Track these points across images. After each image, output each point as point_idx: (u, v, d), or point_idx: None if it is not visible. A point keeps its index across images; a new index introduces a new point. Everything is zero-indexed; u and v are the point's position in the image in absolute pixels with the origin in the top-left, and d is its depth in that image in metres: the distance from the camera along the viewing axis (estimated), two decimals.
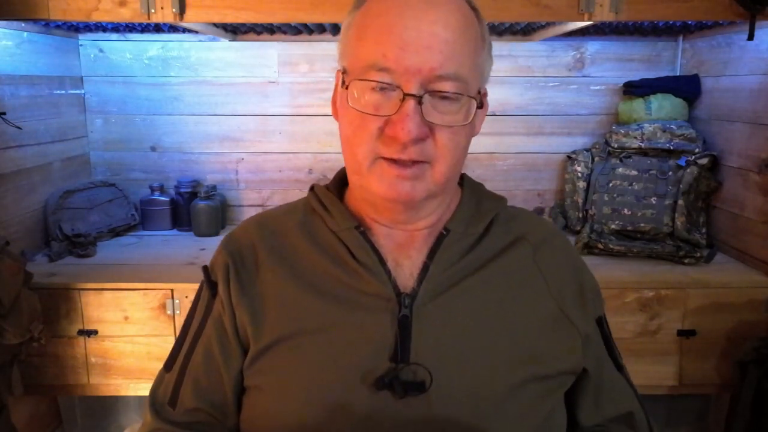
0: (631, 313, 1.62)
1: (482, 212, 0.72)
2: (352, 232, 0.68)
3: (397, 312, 0.64)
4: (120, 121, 2.13)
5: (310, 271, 0.68)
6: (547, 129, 2.15)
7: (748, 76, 1.73)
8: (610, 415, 0.74)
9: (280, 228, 0.73)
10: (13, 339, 1.39)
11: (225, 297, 0.70)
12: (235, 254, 0.72)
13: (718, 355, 1.64)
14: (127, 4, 1.52)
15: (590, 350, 0.71)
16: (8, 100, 1.69)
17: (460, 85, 0.61)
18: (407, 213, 0.68)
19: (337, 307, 0.66)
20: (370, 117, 0.61)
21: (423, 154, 0.62)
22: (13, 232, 1.71)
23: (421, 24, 0.59)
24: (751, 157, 1.72)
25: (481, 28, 0.66)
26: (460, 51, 0.61)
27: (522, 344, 0.66)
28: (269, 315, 0.67)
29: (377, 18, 0.61)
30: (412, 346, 0.63)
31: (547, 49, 2.10)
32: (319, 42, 2.06)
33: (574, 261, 0.76)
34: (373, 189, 0.64)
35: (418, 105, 0.60)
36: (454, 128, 0.62)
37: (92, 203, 1.97)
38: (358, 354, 0.64)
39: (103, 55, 2.09)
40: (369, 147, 0.62)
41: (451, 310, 0.66)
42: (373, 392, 0.62)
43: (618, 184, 1.93)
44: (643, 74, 2.07)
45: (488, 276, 0.68)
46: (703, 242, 1.81)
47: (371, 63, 0.61)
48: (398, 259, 0.69)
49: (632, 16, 1.55)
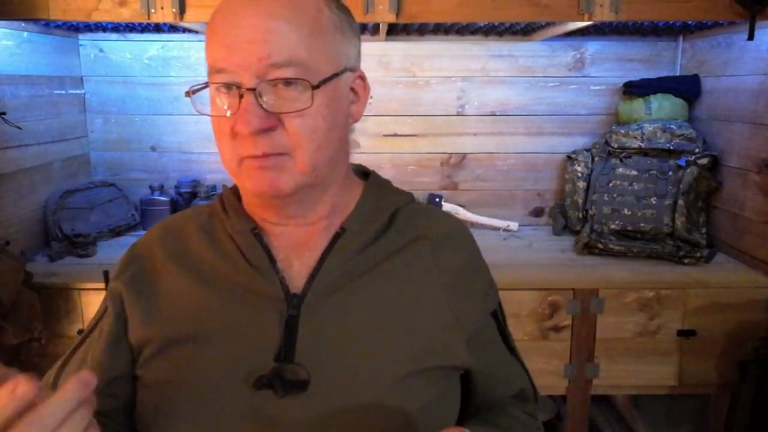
0: (631, 313, 1.62)
1: (382, 209, 0.73)
2: (246, 234, 0.69)
3: (285, 312, 0.65)
4: (120, 121, 2.13)
5: (207, 271, 0.70)
6: (547, 129, 2.15)
7: (748, 76, 1.73)
8: (504, 395, 0.78)
9: (181, 231, 0.74)
10: (13, 339, 1.39)
11: (115, 303, 0.71)
12: (135, 259, 0.74)
13: (718, 355, 1.64)
14: (127, 4, 1.53)
15: (483, 342, 0.73)
16: (8, 100, 1.69)
17: (298, 69, 0.61)
18: (289, 208, 0.68)
19: (231, 307, 0.67)
20: (223, 119, 0.63)
21: (275, 146, 0.62)
22: (13, 232, 1.71)
23: (243, 19, 0.61)
24: (751, 157, 1.72)
25: (329, 10, 0.65)
26: (289, 36, 0.61)
27: (409, 341, 0.66)
28: (164, 315, 0.69)
29: (212, 23, 0.63)
30: (297, 345, 0.64)
31: (547, 49, 2.10)
32: None
33: (473, 259, 0.76)
34: (246, 187, 0.65)
35: (256, 97, 0.60)
36: (303, 113, 0.62)
37: (92, 203, 1.97)
38: (246, 354, 0.65)
39: (103, 55, 2.09)
40: (230, 149, 0.63)
41: (341, 309, 0.66)
42: (254, 391, 0.63)
43: (618, 184, 1.93)
44: (643, 74, 2.07)
45: (383, 274, 0.68)
46: (703, 242, 1.81)
47: (211, 66, 0.63)
48: (290, 259, 0.69)
49: (632, 16, 1.55)
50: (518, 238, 2.06)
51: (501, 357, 0.77)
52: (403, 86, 2.13)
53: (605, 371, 1.65)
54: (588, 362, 1.64)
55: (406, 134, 2.16)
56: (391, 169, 2.17)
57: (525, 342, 1.64)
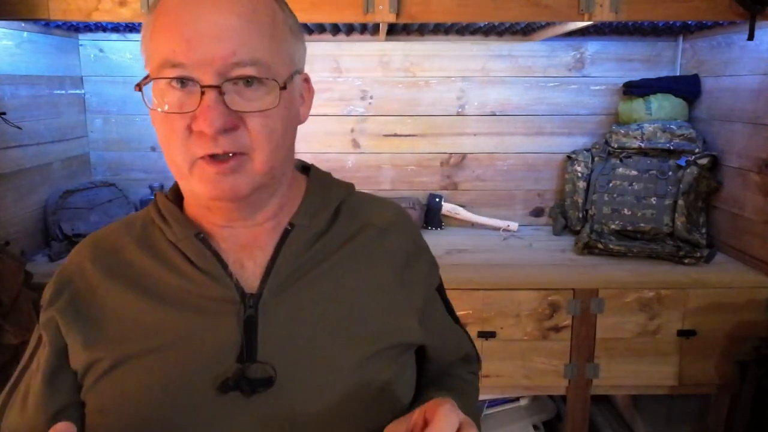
0: (631, 313, 1.62)
1: (327, 203, 0.73)
2: (191, 240, 0.68)
3: (242, 313, 0.65)
4: (120, 121, 2.13)
5: (152, 284, 0.67)
6: (547, 129, 2.15)
7: (748, 76, 1.73)
8: (453, 360, 0.83)
9: (115, 246, 0.71)
10: (13, 339, 1.39)
11: (51, 333, 0.68)
12: (65, 283, 0.70)
13: (718, 355, 1.64)
14: (127, 4, 1.53)
15: (431, 317, 0.77)
16: (8, 100, 1.69)
17: (261, 69, 0.61)
18: (240, 210, 0.67)
19: (183, 316, 0.65)
20: (175, 116, 0.61)
21: (237, 145, 0.61)
22: (13, 232, 1.71)
23: (205, 14, 0.59)
24: (751, 157, 1.72)
25: (282, 12, 0.66)
26: (252, 36, 0.61)
27: (365, 325, 0.68)
28: (111, 335, 0.66)
29: (164, 16, 0.61)
30: (258, 344, 0.64)
31: (547, 49, 2.10)
32: (318, 42, 2.06)
33: (415, 240, 0.80)
34: (198, 191, 0.63)
35: (219, 95, 0.59)
36: (266, 113, 0.62)
37: (92, 203, 1.97)
38: (206, 359, 0.64)
39: (103, 55, 2.09)
40: (184, 149, 0.62)
41: (297, 304, 0.67)
42: (221, 395, 0.62)
43: (618, 184, 1.93)
44: (643, 74, 2.07)
45: (335, 265, 0.70)
46: (703, 242, 1.81)
47: (163, 60, 0.60)
48: (242, 261, 0.69)
49: (632, 16, 1.55)
50: (518, 238, 2.06)
51: (447, 327, 0.83)
52: (403, 86, 2.13)
53: (605, 371, 1.65)
54: (588, 362, 1.64)
55: (406, 134, 2.16)
56: (391, 169, 2.17)
57: (525, 342, 1.64)
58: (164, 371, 0.64)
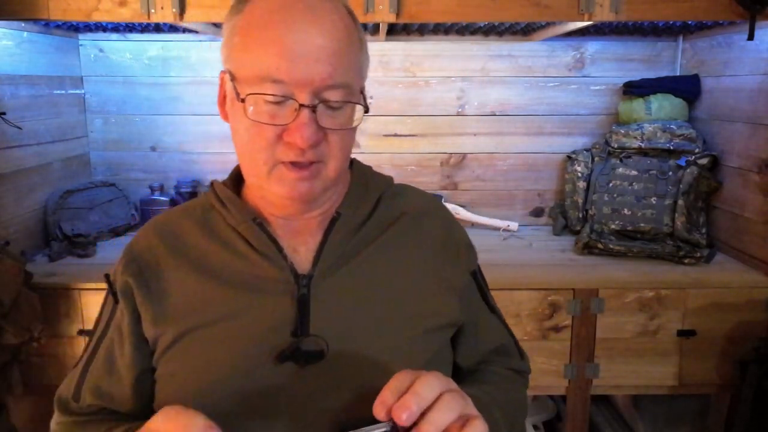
0: (631, 313, 1.62)
1: (369, 193, 0.80)
2: (250, 224, 0.73)
3: (296, 292, 0.71)
4: (120, 121, 2.13)
5: (212, 265, 0.73)
6: (547, 129, 2.15)
7: (748, 76, 1.73)
8: (487, 350, 0.85)
9: (179, 229, 0.77)
10: (13, 339, 1.39)
11: (127, 302, 0.74)
12: (136, 260, 0.76)
13: (718, 355, 1.64)
14: (127, 4, 1.53)
15: (467, 299, 0.81)
16: (8, 100, 1.69)
17: (347, 92, 0.67)
18: (304, 207, 0.74)
19: (241, 294, 0.71)
20: (267, 126, 0.66)
21: (318, 156, 0.68)
22: (13, 232, 1.71)
23: (308, 37, 0.64)
24: (751, 157, 1.72)
25: (358, 30, 0.71)
26: (346, 60, 0.67)
27: (407, 306, 0.74)
28: (176, 309, 0.72)
29: (264, 30, 0.65)
30: (311, 320, 0.70)
31: (547, 49, 2.10)
32: None
33: (450, 225, 0.84)
34: (275, 191, 0.69)
35: (312, 113, 0.65)
36: (344, 130, 0.68)
37: (92, 203, 1.97)
38: (263, 333, 0.70)
39: (103, 55, 2.09)
40: (268, 153, 0.67)
41: (345, 285, 0.73)
42: (278, 365, 0.68)
43: (618, 184, 1.93)
44: (643, 74, 2.07)
45: (377, 250, 0.76)
46: (703, 242, 1.81)
47: (264, 75, 0.64)
48: (295, 245, 0.75)
49: (632, 16, 1.55)
50: (518, 238, 2.06)
51: (480, 313, 0.85)
52: (403, 86, 2.13)
53: (605, 371, 1.65)
54: (588, 362, 1.64)
55: (406, 134, 2.16)
56: (391, 169, 2.17)
57: (525, 342, 1.63)
58: (226, 342, 0.70)
